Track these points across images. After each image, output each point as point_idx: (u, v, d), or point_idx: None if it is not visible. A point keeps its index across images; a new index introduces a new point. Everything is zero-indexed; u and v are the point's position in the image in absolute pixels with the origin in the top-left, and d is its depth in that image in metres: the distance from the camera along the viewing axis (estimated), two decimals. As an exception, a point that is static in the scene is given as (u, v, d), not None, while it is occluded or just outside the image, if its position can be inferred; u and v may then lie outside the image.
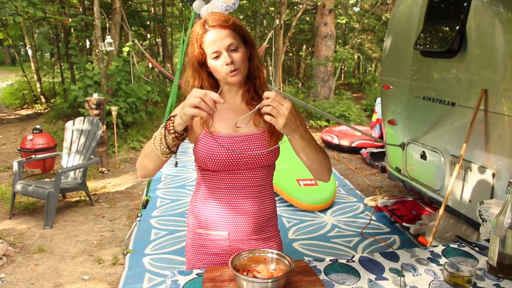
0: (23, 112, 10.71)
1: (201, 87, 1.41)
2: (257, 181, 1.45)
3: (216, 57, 1.35)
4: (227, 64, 1.34)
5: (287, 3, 11.14)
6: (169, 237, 3.84)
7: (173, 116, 1.28)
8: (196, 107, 1.18)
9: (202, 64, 1.41)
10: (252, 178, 1.44)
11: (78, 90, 7.21)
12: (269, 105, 1.19)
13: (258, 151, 1.40)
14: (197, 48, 1.38)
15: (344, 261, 1.41)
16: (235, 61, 1.35)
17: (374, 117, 7.24)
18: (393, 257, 1.44)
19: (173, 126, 1.26)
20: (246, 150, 1.40)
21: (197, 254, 1.50)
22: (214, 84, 1.43)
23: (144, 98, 7.97)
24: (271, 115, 1.20)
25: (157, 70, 10.17)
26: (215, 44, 1.34)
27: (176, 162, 1.38)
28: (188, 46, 1.44)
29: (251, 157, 1.40)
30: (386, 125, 4.36)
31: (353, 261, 1.41)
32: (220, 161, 1.39)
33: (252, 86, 1.45)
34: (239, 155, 1.39)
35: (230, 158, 1.39)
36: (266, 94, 1.20)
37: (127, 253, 3.56)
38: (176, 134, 1.27)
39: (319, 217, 4.36)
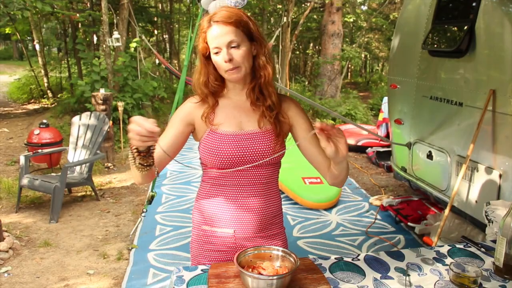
0: (30, 106, 10.78)
1: (207, 81, 1.42)
2: (262, 178, 1.45)
3: (217, 53, 1.35)
4: (225, 61, 1.34)
5: (295, 1, 11.11)
6: (174, 233, 3.85)
7: None
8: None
9: (208, 57, 1.41)
10: (257, 176, 1.44)
11: (85, 85, 7.24)
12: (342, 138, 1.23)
13: (263, 149, 1.40)
14: (202, 42, 1.38)
15: (349, 260, 1.40)
16: (234, 58, 1.34)
17: (381, 116, 7.21)
18: (399, 256, 1.43)
19: (136, 148, 1.22)
20: (251, 147, 1.40)
21: (202, 251, 1.50)
22: (219, 77, 1.43)
23: (150, 94, 8.00)
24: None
25: (163, 66, 10.17)
26: (216, 40, 1.34)
27: (157, 172, 1.38)
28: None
29: (256, 154, 1.40)
30: (393, 125, 4.34)
31: (359, 259, 1.41)
32: (225, 159, 1.39)
33: (258, 85, 1.43)
34: (244, 153, 1.39)
35: (235, 156, 1.39)
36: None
37: (131, 248, 3.58)
38: (141, 154, 1.24)
39: (324, 215, 4.36)
